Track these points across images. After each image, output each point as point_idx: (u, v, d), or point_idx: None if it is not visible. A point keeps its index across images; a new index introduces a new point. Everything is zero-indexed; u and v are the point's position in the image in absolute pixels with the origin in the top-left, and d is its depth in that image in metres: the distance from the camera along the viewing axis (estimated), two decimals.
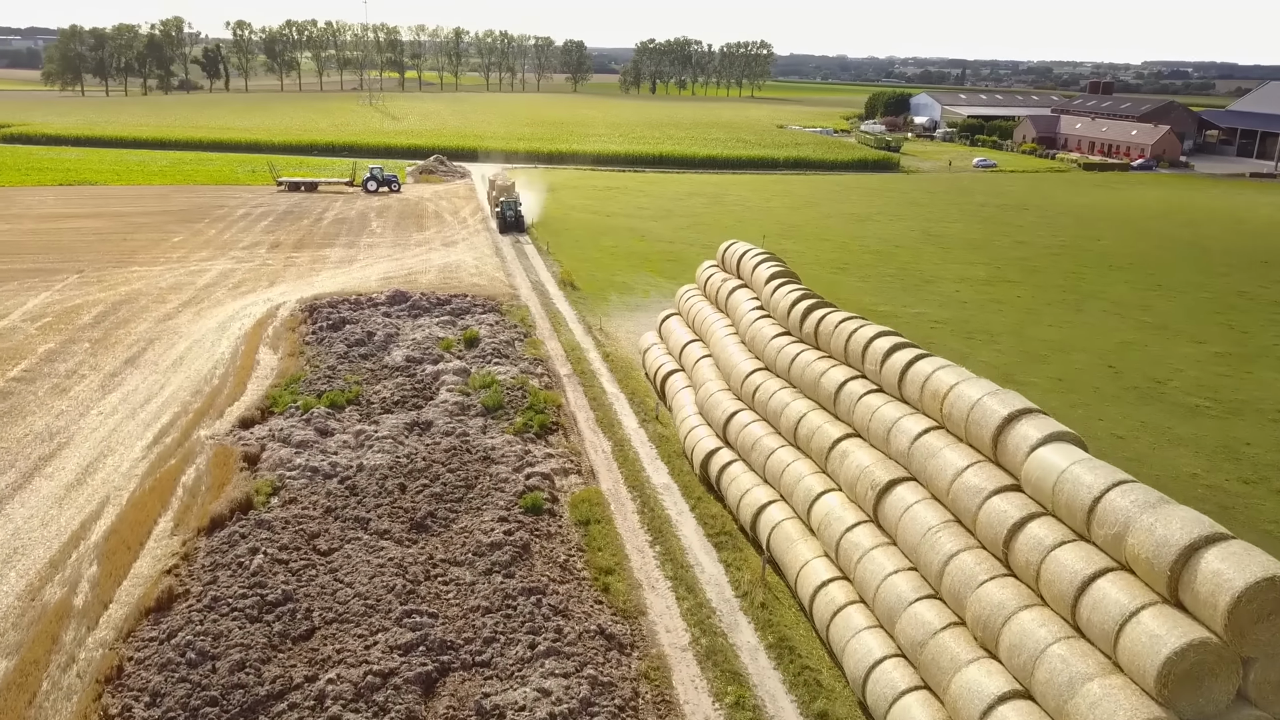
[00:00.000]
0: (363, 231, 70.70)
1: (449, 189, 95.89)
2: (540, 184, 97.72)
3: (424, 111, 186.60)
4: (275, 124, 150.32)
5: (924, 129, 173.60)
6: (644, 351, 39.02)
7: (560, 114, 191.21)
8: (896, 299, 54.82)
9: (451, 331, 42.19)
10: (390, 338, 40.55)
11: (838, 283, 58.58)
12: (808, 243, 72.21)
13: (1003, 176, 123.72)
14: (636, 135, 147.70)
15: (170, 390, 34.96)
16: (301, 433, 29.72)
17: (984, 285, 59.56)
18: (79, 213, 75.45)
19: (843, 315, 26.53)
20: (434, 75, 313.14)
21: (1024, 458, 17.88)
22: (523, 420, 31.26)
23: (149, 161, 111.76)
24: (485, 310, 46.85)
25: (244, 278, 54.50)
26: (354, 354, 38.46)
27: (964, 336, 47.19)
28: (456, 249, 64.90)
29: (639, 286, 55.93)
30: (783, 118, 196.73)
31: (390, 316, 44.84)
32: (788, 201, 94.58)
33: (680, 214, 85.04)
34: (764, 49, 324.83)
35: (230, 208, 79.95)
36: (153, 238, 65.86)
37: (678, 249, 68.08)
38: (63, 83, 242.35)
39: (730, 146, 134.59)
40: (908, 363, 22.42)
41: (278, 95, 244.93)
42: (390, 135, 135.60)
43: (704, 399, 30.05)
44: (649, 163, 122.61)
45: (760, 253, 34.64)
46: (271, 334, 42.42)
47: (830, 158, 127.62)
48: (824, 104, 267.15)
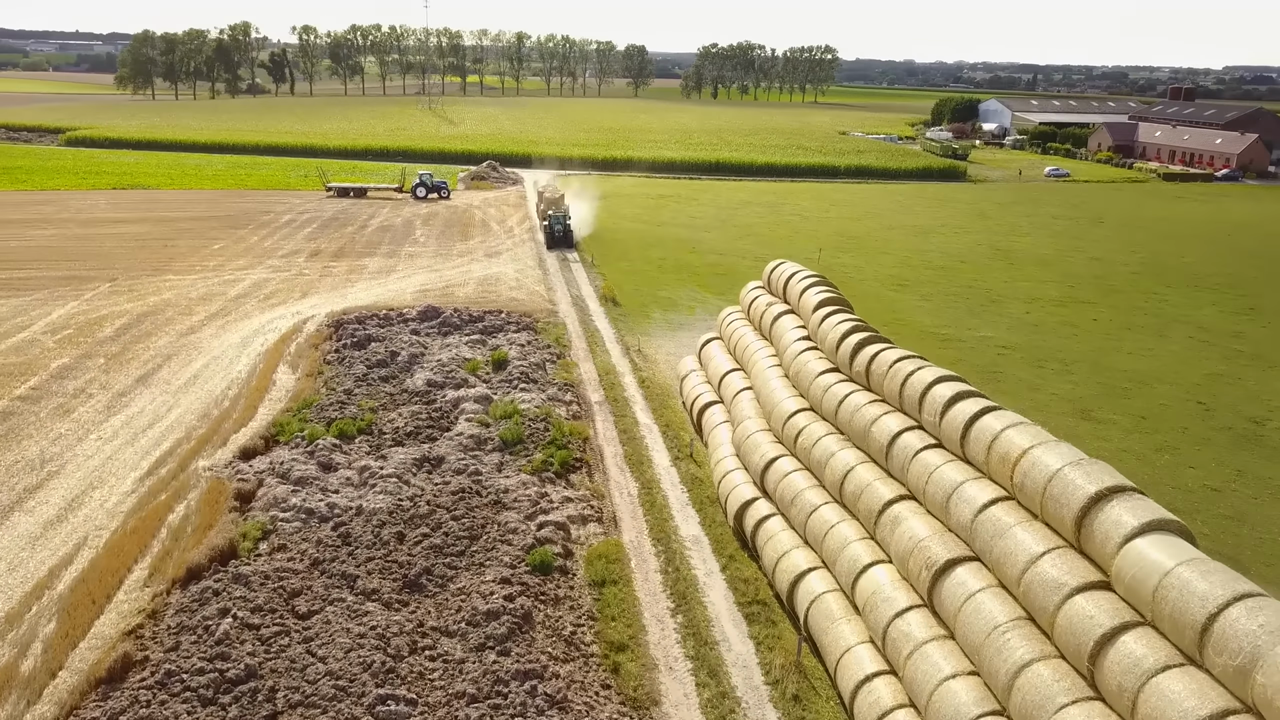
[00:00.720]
0: (405, 240, 68.91)
1: (499, 196, 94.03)
2: (592, 192, 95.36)
3: (481, 116, 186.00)
4: (332, 128, 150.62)
5: (993, 136, 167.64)
6: (682, 378, 36.10)
7: (618, 120, 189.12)
8: (960, 320, 51.04)
9: (480, 352, 39.74)
10: (415, 358, 38.22)
11: (897, 301, 54.97)
12: (867, 256, 68.55)
13: (1076, 187, 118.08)
14: (694, 142, 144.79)
15: (177, 413, 33.01)
16: (303, 467, 27.41)
17: (1056, 306, 55.38)
18: (126, 217, 75.01)
19: (898, 354, 23.31)
20: (495, 80, 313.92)
21: (1116, 549, 14.59)
22: (543, 457, 28.57)
23: (205, 165, 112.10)
24: (519, 328, 44.35)
25: (277, 288, 52.85)
26: (374, 376, 36.19)
27: (1034, 364, 43.34)
28: (499, 260, 62.66)
29: (684, 303, 52.99)
30: (845, 124, 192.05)
31: (418, 334, 42.58)
32: (847, 211, 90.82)
33: (734, 224, 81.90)
34: (828, 54, 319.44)
35: (276, 214, 78.95)
36: (193, 244, 64.82)
37: (729, 262, 64.97)
38: (134, 86, 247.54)
39: (789, 153, 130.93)
40: (972, 417, 19.17)
41: (340, 99, 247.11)
42: (445, 140, 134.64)
43: (741, 439, 27.03)
44: (706, 170, 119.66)
45: (809, 275, 31.50)
46: (294, 351, 40.43)
47: (893, 166, 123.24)
48: (889, 110, 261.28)
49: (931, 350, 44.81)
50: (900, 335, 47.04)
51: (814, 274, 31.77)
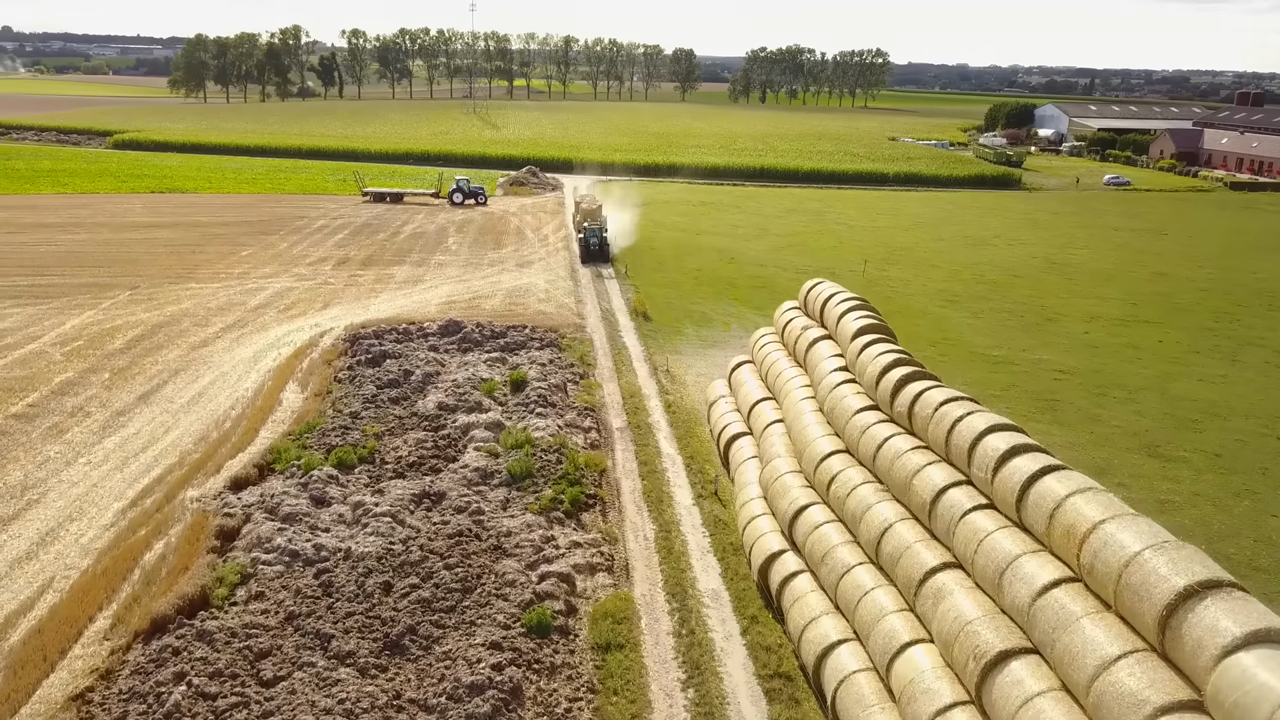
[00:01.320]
0: (437, 248, 67.21)
1: (537, 203, 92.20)
2: (632, 198, 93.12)
3: (525, 120, 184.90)
4: (375, 132, 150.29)
5: (1049, 143, 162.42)
6: (710, 404, 33.59)
7: (663, 124, 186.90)
8: (1014, 340, 47.84)
9: (499, 371, 37.58)
10: (429, 378, 36.16)
11: (946, 319, 51.89)
12: (915, 269, 65.39)
13: (1138, 196, 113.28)
14: (739, 147, 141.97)
15: (174, 435, 31.26)
16: (294, 501, 25.39)
17: (1118, 325, 51.88)
18: (159, 222, 74.33)
19: (945, 394, 20.61)
20: (542, 84, 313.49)
21: (1212, 662, 11.86)
22: (552, 494, 26.26)
23: (245, 169, 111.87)
24: (543, 345, 42.14)
25: (299, 298, 51.28)
26: (383, 397, 34.18)
27: (1095, 392, 40.10)
28: (530, 270, 60.62)
29: (719, 318, 50.43)
30: (895, 129, 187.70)
31: (437, 350, 40.57)
32: (895, 221, 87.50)
33: (776, 233, 79.10)
34: (879, 57, 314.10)
35: (310, 219, 77.83)
36: (222, 250, 63.71)
37: (768, 274, 62.27)
38: (187, 90, 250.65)
39: (837, 159, 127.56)
40: (1031, 477, 16.48)
41: (387, 103, 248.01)
42: (486, 145, 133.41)
43: (770, 480, 24.47)
44: (750, 176, 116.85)
45: (848, 298, 28.85)
46: (306, 367, 38.63)
47: (944, 173, 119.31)
48: (941, 115, 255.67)
49: (983, 374, 41.82)
50: (949, 357, 44.10)
51: (854, 296, 29.12)
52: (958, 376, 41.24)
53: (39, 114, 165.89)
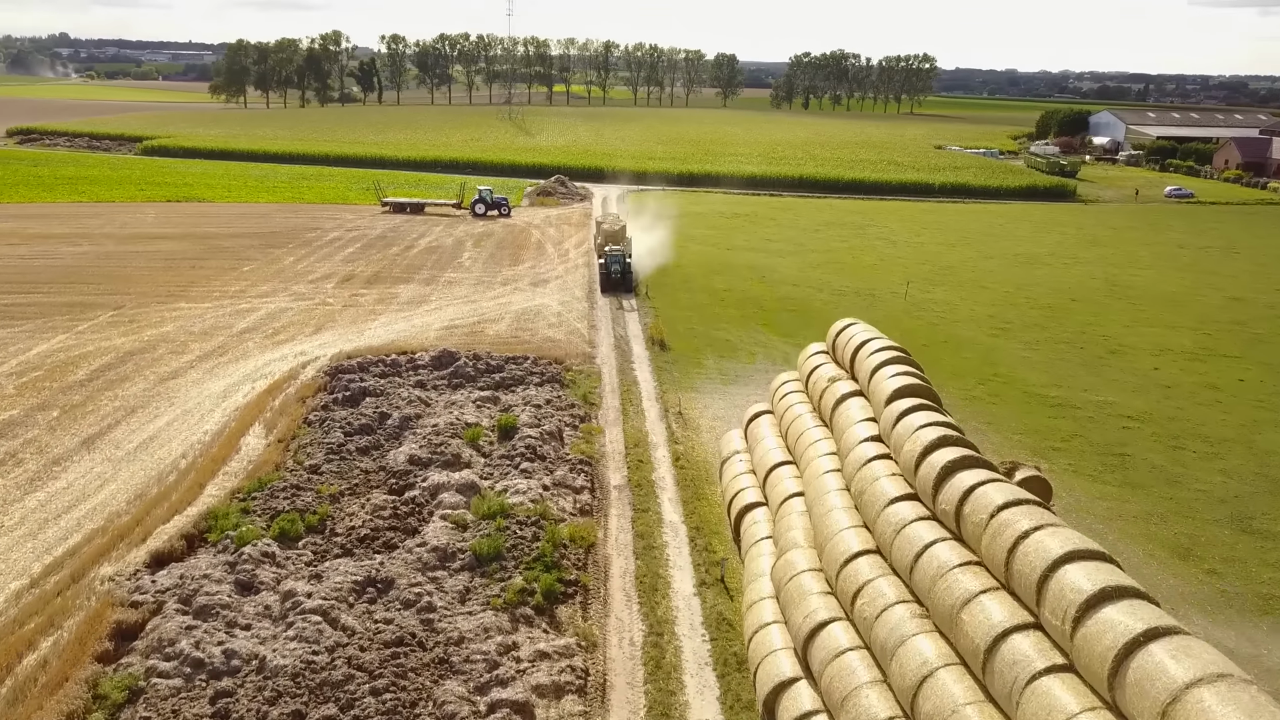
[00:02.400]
0: (449, 264, 63.37)
1: (562, 214, 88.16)
2: (662, 210, 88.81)
3: (561, 127, 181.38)
4: (406, 138, 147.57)
5: (1104, 151, 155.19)
6: (723, 461, 29.05)
7: (702, 131, 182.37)
8: (1074, 378, 42.66)
9: (488, 414, 33.38)
10: (407, 422, 32.05)
11: (997, 350, 46.80)
12: (962, 291, 60.21)
13: (1203, 209, 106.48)
14: (778, 155, 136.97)
15: (109, 491, 27.43)
16: (215, 587, 21.34)
17: (1191, 360, 46.44)
18: (167, 233, 71.42)
19: (1005, 494, 15.94)
20: (582, 89, 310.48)
21: None
22: (523, 582, 21.93)
23: (270, 176, 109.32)
24: (543, 379, 37.89)
25: (290, 321, 47.59)
26: (352, 446, 30.11)
27: (1170, 444, 34.90)
28: (544, 290, 56.48)
29: (744, 347, 45.82)
30: (942, 137, 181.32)
31: (424, 386, 36.49)
32: (941, 236, 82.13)
33: (813, 249, 74.25)
34: (926, 63, 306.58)
35: (323, 230, 74.51)
36: (223, 265, 60.41)
37: (802, 295, 57.51)
38: (228, 95, 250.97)
39: (880, 169, 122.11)
40: (1132, 643, 11.78)
41: (425, 108, 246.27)
42: (517, 152, 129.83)
43: (784, 576, 19.93)
44: (788, 186, 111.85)
45: (883, 346, 24.20)
46: (277, 406, 34.72)
47: (994, 184, 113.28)
48: (989, 122, 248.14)
49: (1040, 419, 36.80)
50: (1002, 398, 39.14)
51: (890, 345, 24.45)
52: (1012, 423, 36.32)
53: (78, 119, 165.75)
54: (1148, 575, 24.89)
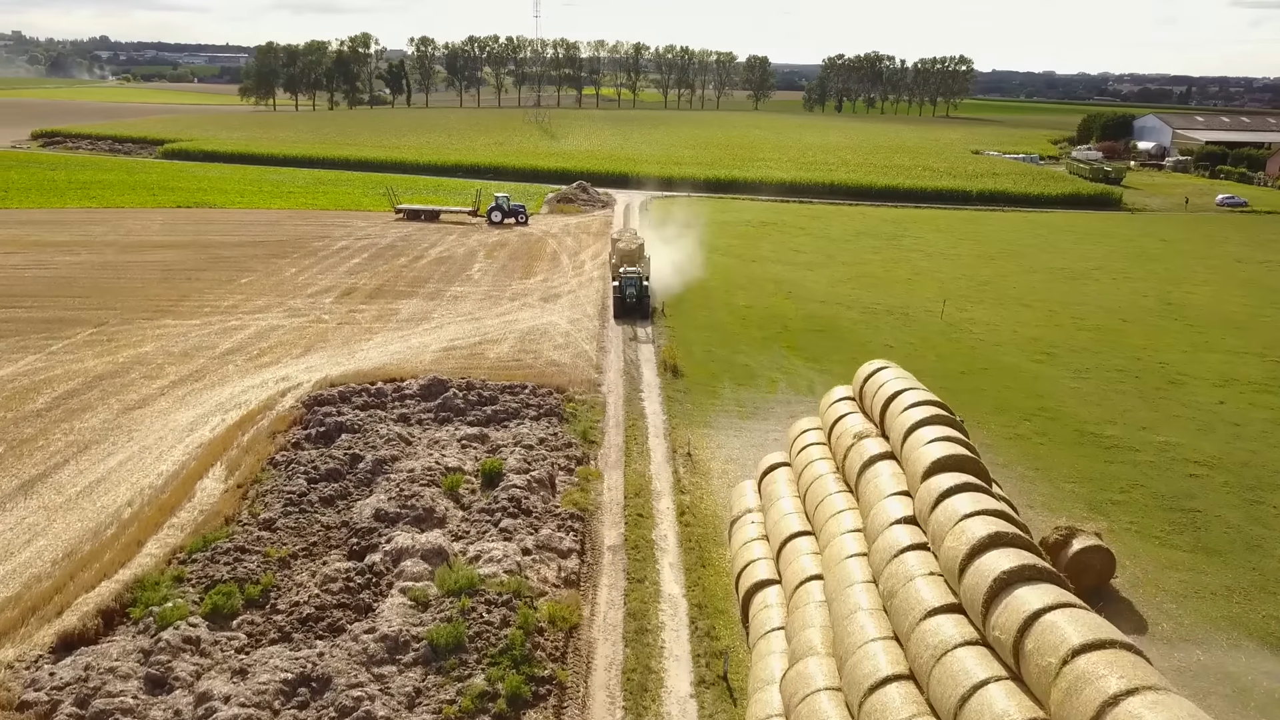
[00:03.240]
0: (458, 277, 60.16)
1: (582, 222, 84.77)
2: (686, 217, 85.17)
3: (587, 130, 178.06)
4: (428, 142, 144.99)
5: (1150, 156, 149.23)
6: (733, 522, 25.40)
7: (731, 135, 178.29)
8: (1130, 412, 38.47)
9: (474, 454, 29.97)
10: (381, 465, 28.68)
11: (1043, 378, 42.69)
12: (1003, 310, 56.00)
13: (1259, 220, 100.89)
14: (809, 160, 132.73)
15: (35, 549, 24.28)
16: (121, 685, 18.07)
17: (1260, 393, 42.05)
18: (170, 241, 68.85)
19: (1082, 631, 12.18)
20: (612, 91, 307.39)
21: None
22: (485, 682, 18.42)
23: (287, 181, 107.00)
24: (541, 412, 34.41)
25: (279, 340, 44.50)
26: (315, 496, 26.78)
27: (1247, 497, 30.71)
28: (554, 306, 53.07)
29: (765, 374, 42.06)
30: (979, 141, 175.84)
31: (408, 421, 33.15)
32: (979, 248, 77.73)
33: (843, 260, 70.24)
34: (963, 65, 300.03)
35: (331, 239, 71.65)
36: (220, 277, 57.58)
37: (830, 313, 53.61)
38: (257, 97, 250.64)
39: (914, 175, 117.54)
40: None
41: (453, 111, 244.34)
42: (539, 157, 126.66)
43: (795, 695, 16.26)
44: (819, 192, 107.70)
45: (920, 400, 20.47)
46: (245, 442, 31.53)
47: (1034, 191, 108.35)
48: (1028, 125, 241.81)
49: (1095, 464, 32.77)
50: (1050, 437, 35.12)
51: (926, 397, 20.71)
52: (1063, 468, 32.32)
53: (105, 122, 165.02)
54: (1235, 672, 20.93)
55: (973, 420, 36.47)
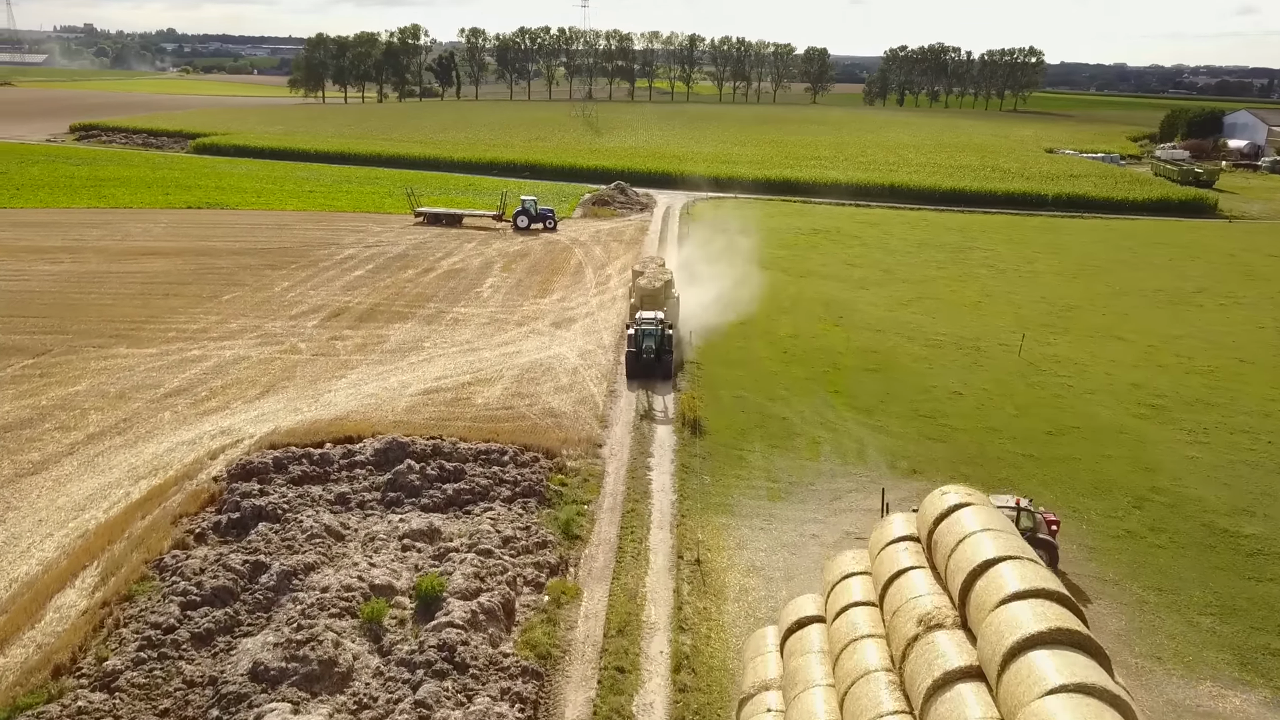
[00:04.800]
0: (465, 294, 53.58)
1: (615, 228, 77.70)
2: (729, 222, 77.69)
3: (634, 125, 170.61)
4: (467, 138, 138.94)
5: (1242, 156, 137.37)
6: (742, 704, 18.04)
7: (784, 132, 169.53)
8: (1272, 499, 30.24)
9: (414, 561, 23.13)
10: (290, 580, 21.96)
11: (1150, 443, 34.58)
12: (1092, 344, 47.67)
13: None
14: (867, 159, 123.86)
15: None
16: None
17: None
18: (165, 247, 63.37)
19: None
20: (665, 84, 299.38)
21: None
22: None
23: (313, 179, 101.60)
24: (517, 492, 27.48)
25: (237, 378, 38.22)
26: (185, 632, 20.10)
27: None
28: (566, 334, 46.16)
29: (806, 431, 34.59)
30: (1052, 138, 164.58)
31: (346, 505, 26.44)
32: (1059, 263, 68.93)
33: (904, 277, 62.19)
34: (1033, 56, 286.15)
35: (339, 246, 65.61)
36: (203, 292, 51.75)
37: (887, 347, 45.89)
38: (306, 89, 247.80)
39: (983, 176, 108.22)
40: None
41: (501, 104, 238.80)
42: (581, 154, 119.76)
43: None
44: (878, 195, 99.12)
45: (1029, 585, 12.97)
46: (140, 531, 25.08)
47: (1118, 195, 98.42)
48: (1101, 121, 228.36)
49: (1237, 583, 24.88)
50: (1169, 533, 27.31)
51: (1036, 577, 13.19)
52: (1193, 589, 24.43)
53: (144, 115, 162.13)
54: None
55: (1066, 507, 28.73)
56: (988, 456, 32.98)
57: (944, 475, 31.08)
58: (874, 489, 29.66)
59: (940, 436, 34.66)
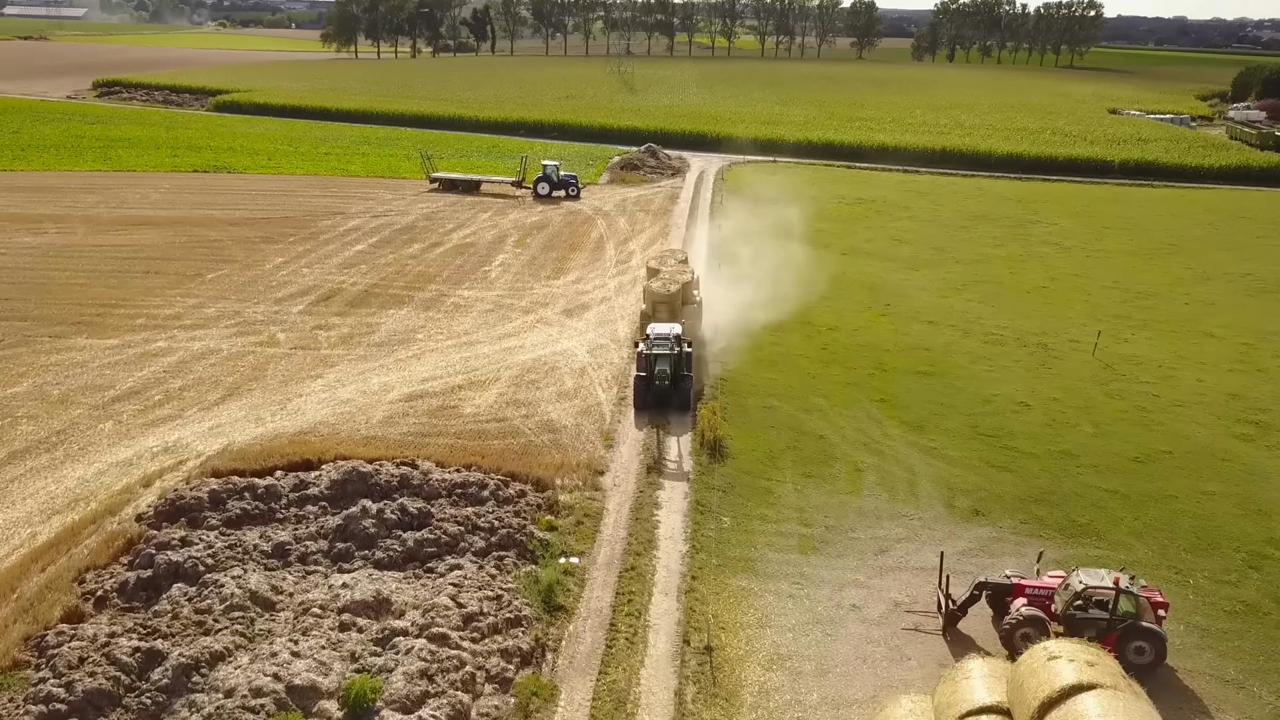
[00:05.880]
0: (472, 274, 48.77)
1: (643, 196, 72.15)
2: (766, 190, 72.01)
3: (671, 82, 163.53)
4: (494, 95, 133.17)
5: None
6: None
7: (828, 91, 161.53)
8: None
9: (350, 648, 18.48)
10: (187, 677, 17.43)
11: (1259, 474, 28.94)
12: (1178, 341, 41.73)
13: None
14: (916, 121, 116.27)
15: None
16: None
17: None
18: (159, 216, 59.14)
19: None
20: (706, 39, 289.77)
21: None
22: None
23: (330, 139, 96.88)
24: (493, 543, 22.74)
25: (198, 378, 33.80)
26: None
27: None
28: (577, 323, 41.24)
29: (846, 454, 29.40)
30: (1115, 97, 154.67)
31: (284, 557, 21.87)
32: (1131, 241, 62.35)
33: (957, 256, 56.24)
34: (1091, 9, 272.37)
35: (345, 216, 60.98)
36: (185, 270, 47.44)
37: (942, 341, 40.37)
38: (338, 44, 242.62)
39: (1042, 140, 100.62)
40: None
41: (536, 59, 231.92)
42: (613, 114, 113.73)
43: None
44: (929, 160, 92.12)
45: None
46: (33, 591, 20.73)
47: (1191, 162, 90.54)
48: (1164, 78, 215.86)
49: None
50: None
51: None
52: None
53: (169, 71, 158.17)
54: None
55: (1167, 569, 23.45)
56: (1063, 492, 27.62)
57: (1012, 519, 25.91)
58: (928, 537, 24.56)
59: (1005, 463, 29.32)
